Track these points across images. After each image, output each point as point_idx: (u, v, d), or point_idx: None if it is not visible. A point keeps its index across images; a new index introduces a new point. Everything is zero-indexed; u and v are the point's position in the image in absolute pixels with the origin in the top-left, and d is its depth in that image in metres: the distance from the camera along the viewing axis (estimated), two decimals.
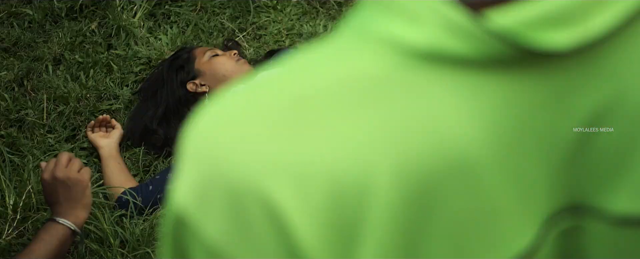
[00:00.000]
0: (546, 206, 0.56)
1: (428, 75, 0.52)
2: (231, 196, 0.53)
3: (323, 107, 0.53)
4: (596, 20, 0.52)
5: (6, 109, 2.80)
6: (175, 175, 0.56)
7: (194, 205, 0.55)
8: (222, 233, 0.54)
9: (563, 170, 0.56)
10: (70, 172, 2.04)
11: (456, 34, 0.51)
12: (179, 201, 0.55)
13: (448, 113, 0.52)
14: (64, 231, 2.01)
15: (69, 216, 2.03)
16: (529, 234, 0.56)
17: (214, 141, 0.54)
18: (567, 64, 0.53)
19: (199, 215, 0.54)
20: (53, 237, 2.00)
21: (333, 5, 3.23)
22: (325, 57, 0.55)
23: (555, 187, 0.56)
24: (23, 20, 3.14)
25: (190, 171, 0.55)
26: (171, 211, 0.56)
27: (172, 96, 2.74)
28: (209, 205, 0.54)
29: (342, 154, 0.52)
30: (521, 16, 0.51)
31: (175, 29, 3.11)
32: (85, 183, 2.06)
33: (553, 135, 0.54)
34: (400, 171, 0.52)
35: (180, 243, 0.57)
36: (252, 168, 0.53)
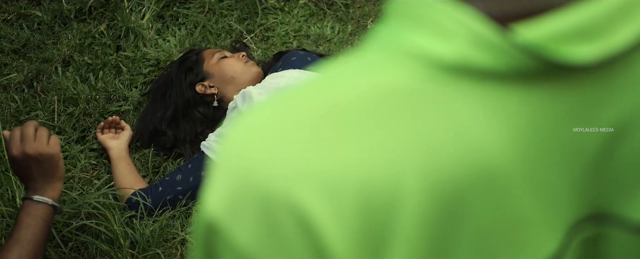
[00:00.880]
0: (570, 214, 0.58)
1: (456, 87, 0.53)
2: (262, 204, 0.55)
3: (353, 117, 0.54)
4: (620, 33, 0.53)
5: (16, 110, 2.82)
6: (208, 182, 0.58)
7: (226, 212, 0.56)
8: (253, 240, 0.56)
9: (586, 179, 0.57)
10: (41, 147, 1.94)
11: (484, 47, 0.52)
12: (211, 208, 0.57)
13: (475, 124, 0.54)
14: (46, 209, 1.94)
15: (45, 191, 1.96)
16: (554, 242, 0.57)
17: (246, 151, 0.56)
18: (591, 76, 0.55)
19: (231, 222, 0.56)
20: (37, 219, 1.93)
21: (340, 7, 3.25)
22: (355, 69, 0.56)
23: (579, 196, 0.57)
24: (32, 22, 3.16)
25: (223, 179, 0.56)
26: (203, 219, 0.58)
27: (181, 97, 2.76)
28: (240, 212, 0.55)
29: (372, 163, 0.53)
30: (547, 30, 0.52)
31: (183, 31, 3.13)
32: (58, 156, 1.97)
33: (577, 146, 0.56)
34: (429, 181, 0.53)
35: (212, 250, 0.58)
36: (283, 177, 0.54)
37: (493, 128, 0.54)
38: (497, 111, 0.54)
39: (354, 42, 3.10)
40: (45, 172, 1.95)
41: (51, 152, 1.94)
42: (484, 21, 0.53)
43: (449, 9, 0.53)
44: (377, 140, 0.53)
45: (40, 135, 1.95)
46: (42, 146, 1.94)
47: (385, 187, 0.53)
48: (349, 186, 0.53)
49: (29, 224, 1.91)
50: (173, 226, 2.49)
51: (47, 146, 1.94)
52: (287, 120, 0.55)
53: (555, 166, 0.56)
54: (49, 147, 1.95)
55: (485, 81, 0.53)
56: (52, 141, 1.96)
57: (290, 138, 0.55)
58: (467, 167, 0.54)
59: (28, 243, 1.89)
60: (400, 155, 0.53)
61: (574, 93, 0.55)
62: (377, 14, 3.21)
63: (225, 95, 2.76)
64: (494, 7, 0.53)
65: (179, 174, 2.56)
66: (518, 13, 0.53)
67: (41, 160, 1.93)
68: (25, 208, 1.95)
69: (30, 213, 1.93)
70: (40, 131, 1.96)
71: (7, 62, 3.00)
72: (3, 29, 3.12)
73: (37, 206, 1.94)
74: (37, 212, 1.93)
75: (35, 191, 1.95)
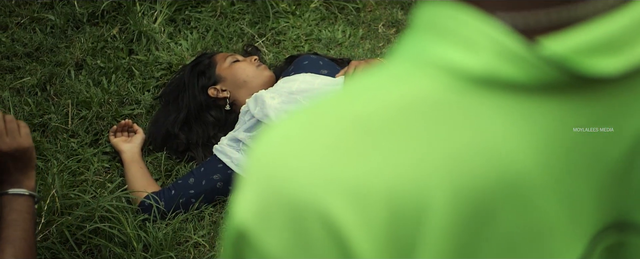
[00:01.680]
0: (594, 223, 0.59)
1: (483, 99, 0.55)
2: (292, 212, 0.56)
3: (381, 128, 0.55)
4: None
5: (30, 114, 2.84)
6: (237, 191, 0.59)
7: (256, 220, 0.57)
8: (282, 248, 0.57)
9: (610, 188, 0.58)
10: (15, 142, 1.85)
11: (510, 59, 0.53)
12: (241, 215, 0.58)
13: (502, 135, 0.55)
14: (28, 201, 1.87)
15: (22, 183, 1.88)
16: (578, 250, 0.58)
17: (276, 160, 0.57)
18: (615, 88, 0.56)
19: (260, 230, 0.57)
20: (23, 214, 1.86)
21: (351, 10, 3.26)
22: (383, 81, 0.57)
23: (602, 205, 0.59)
24: (45, 26, 3.18)
25: (253, 187, 0.58)
26: (232, 226, 0.59)
27: (194, 101, 2.78)
28: (270, 220, 0.57)
29: (400, 173, 0.54)
30: (573, 43, 0.54)
31: (195, 35, 3.15)
32: (32, 148, 1.89)
33: (601, 156, 0.57)
34: (456, 190, 0.54)
35: (241, 256, 0.60)
36: (313, 186, 0.55)
37: (519, 138, 0.55)
38: (522, 122, 0.55)
39: (365, 45, 3.11)
40: (21, 165, 1.88)
41: (25, 146, 1.86)
42: (511, 34, 0.54)
43: (475, 21, 0.54)
44: (405, 150, 0.55)
45: (12, 129, 1.86)
46: (16, 141, 1.86)
47: (412, 196, 0.54)
48: (377, 195, 0.54)
49: (15, 221, 1.85)
50: (186, 229, 2.50)
51: (22, 140, 1.86)
52: (316, 130, 0.56)
53: (579, 176, 0.57)
54: (24, 140, 1.86)
55: (511, 93, 0.55)
56: (23, 132, 1.87)
57: (320, 148, 0.56)
58: (493, 177, 0.55)
59: (20, 241, 1.84)
60: (428, 164, 0.54)
61: (598, 104, 0.56)
62: (388, 18, 3.22)
63: (237, 98, 2.77)
64: (520, 20, 0.55)
65: (192, 177, 2.58)
66: (544, 26, 0.55)
67: (17, 155, 1.86)
68: (6, 204, 1.87)
69: (13, 209, 1.86)
70: (11, 125, 1.86)
71: (20, 66, 3.02)
72: (16, 33, 3.14)
73: (18, 199, 1.86)
74: (20, 207, 1.86)
75: (12, 185, 1.88)
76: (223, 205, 2.59)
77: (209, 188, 2.57)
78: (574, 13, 0.54)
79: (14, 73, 3.00)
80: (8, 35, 3.14)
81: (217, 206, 2.59)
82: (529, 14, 0.54)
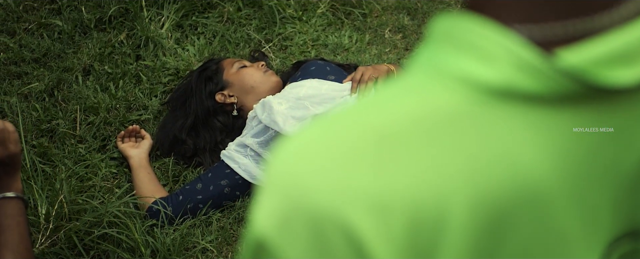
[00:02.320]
0: (609, 232, 0.59)
1: (501, 110, 0.55)
2: (313, 223, 0.56)
3: (401, 139, 0.56)
4: None
5: (37, 119, 2.85)
6: (257, 201, 0.60)
7: (276, 230, 0.58)
8: (302, 257, 0.57)
9: (624, 198, 0.59)
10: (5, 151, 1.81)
11: (528, 71, 0.54)
12: (261, 226, 0.58)
13: (520, 146, 0.55)
14: (18, 203, 1.85)
15: (11, 186, 1.86)
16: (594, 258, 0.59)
17: (296, 171, 0.57)
18: (631, 99, 0.56)
19: (281, 240, 0.58)
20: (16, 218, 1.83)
21: (358, 16, 3.27)
22: (402, 92, 0.58)
23: (617, 214, 0.59)
24: (53, 31, 3.19)
25: (273, 198, 0.58)
26: (252, 236, 0.60)
27: (201, 106, 2.78)
28: (290, 231, 0.57)
29: (419, 184, 0.55)
30: (589, 55, 0.54)
31: (202, 40, 3.16)
32: (19, 153, 1.85)
33: (617, 166, 0.57)
34: (475, 201, 0.55)
35: None
36: (333, 197, 0.56)
37: (536, 149, 0.56)
38: (540, 133, 0.56)
39: (371, 51, 3.12)
40: (10, 170, 1.86)
41: (15, 152, 1.83)
42: (528, 46, 0.54)
43: (493, 34, 0.55)
44: (424, 161, 0.55)
45: (4, 139, 1.82)
46: (8, 149, 1.82)
47: (432, 206, 0.55)
48: (397, 205, 0.55)
49: (10, 226, 1.83)
50: (193, 234, 2.51)
51: (12, 147, 1.82)
52: (335, 140, 0.57)
53: (596, 185, 0.58)
54: (14, 147, 1.83)
55: (528, 104, 0.55)
56: (13, 138, 1.84)
57: (339, 159, 0.56)
58: (511, 187, 0.55)
59: (18, 245, 1.84)
60: (447, 175, 0.55)
61: (615, 115, 0.57)
62: (395, 24, 3.23)
63: (244, 104, 2.78)
64: (537, 32, 0.55)
65: (199, 183, 2.59)
66: (560, 38, 0.55)
67: (6, 162, 1.83)
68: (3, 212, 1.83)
69: (7, 214, 1.84)
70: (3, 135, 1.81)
71: (28, 71, 3.03)
72: (24, 38, 3.15)
73: (10, 204, 1.85)
74: (12, 211, 1.84)
75: (1, 189, 1.85)
76: (231, 210, 2.60)
77: (217, 194, 2.57)
78: (590, 25, 0.55)
79: (22, 79, 3.01)
80: (16, 40, 3.15)
81: (225, 211, 2.60)
82: (546, 26, 0.55)
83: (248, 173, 2.58)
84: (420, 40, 3.17)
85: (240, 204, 2.59)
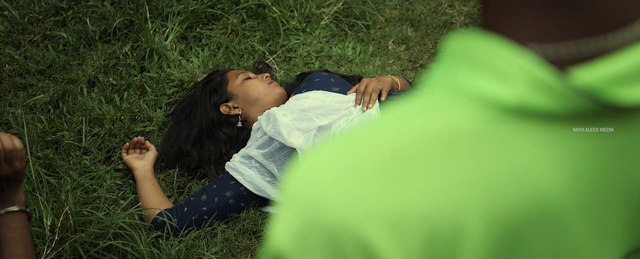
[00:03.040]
0: (621, 247, 0.60)
1: (516, 128, 0.56)
2: (330, 238, 0.57)
3: (418, 156, 0.57)
4: None
5: (43, 131, 2.86)
6: (274, 217, 0.61)
7: (294, 245, 0.59)
8: None
9: (637, 213, 0.60)
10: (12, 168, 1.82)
11: (542, 90, 0.55)
12: (279, 241, 0.59)
13: (534, 163, 0.56)
14: (22, 216, 1.86)
15: (15, 200, 1.87)
16: None
17: (314, 186, 0.58)
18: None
19: (298, 254, 0.59)
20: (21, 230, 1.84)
21: (361, 27, 3.28)
22: (418, 110, 0.59)
23: (629, 230, 0.60)
24: (58, 43, 3.20)
25: (290, 213, 0.59)
26: (270, 251, 0.60)
27: (206, 118, 2.79)
28: (308, 246, 0.58)
29: (436, 200, 0.56)
30: (602, 73, 0.55)
31: (206, 52, 3.17)
32: (24, 170, 1.85)
33: (630, 182, 0.58)
34: (491, 216, 0.56)
35: None
36: (350, 211, 0.57)
37: (550, 166, 0.57)
38: (554, 150, 0.56)
39: (375, 62, 3.13)
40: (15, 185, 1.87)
41: (22, 168, 1.84)
42: (542, 65, 0.55)
43: (508, 54, 0.56)
44: (441, 178, 0.56)
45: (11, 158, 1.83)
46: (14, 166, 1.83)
47: (448, 222, 0.56)
48: (414, 221, 0.56)
49: (14, 238, 1.85)
50: (198, 246, 2.51)
51: (19, 163, 1.83)
52: (353, 158, 0.58)
53: (609, 201, 0.58)
54: (20, 164, 1.83)
55: (543, 122, 0.56)
56: (20, 156, 1.84)
57: (356, 175, 0.57)
58: (526, 203, 0.56)
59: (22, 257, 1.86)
60: (463, 192, 0.56)
61: (627, 132, 0.57)
62: (398, 35, 3.24)
63: (249, 116, 2.79)
64: (551, 51, 0.56)
65: (204, 194, 2.59)
66: (574, 57, 0.56)
67: (12, 177, 1.85)
68: (2, 223, 1.85)
69: (11, 227, 1.85)
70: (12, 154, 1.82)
71: (33, 83, 3.05)
72: (29, 50, 3.16)
73: (13, 217, 1.86)
74: (17, 224, 1.86)
75: (4, 203, 1.87)
76: (235, 221, 2.60)
77: (222, 205, 2.58)
78: (603, 44, 0.56)
79: (27, 91, 3.02)
80: (21, 52, 3.16)
81: (230, 223, 2.61)
82: (560, 45, 0.56)
83: (253, 185, 2.59)
84: (423, 51, 3.18)
85: (245, 215, 2.60)
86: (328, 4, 3.34)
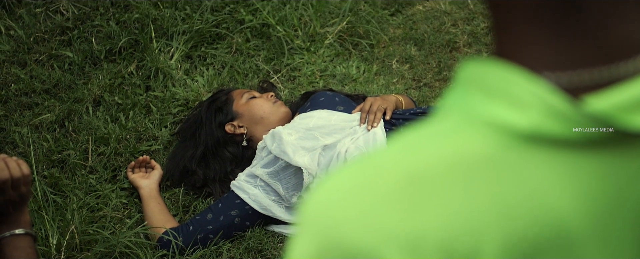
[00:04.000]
0: None
1: (530, 154, 0.57)
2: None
3: (434, 181, 0.58)
4: None
5: (48, 150, 2.87)
6: (292, 239, 0.62)
7: None
8: None
9: None
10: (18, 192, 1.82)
11: (556, 117, 0.56)
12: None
13: (549, 188, 0.57)
14: (29, 239, 1.86)
15: (20, 222, 1.87)
16: None
17: (332, 210, 0.59)
18: None
19: None
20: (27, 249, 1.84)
21: (365, 47, 3.30)
22: (433, 136, 0.60)
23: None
24: (63, 63, 3.22)
25: (308, 237, 0.60)
26: None
27: (211, 137, 2.80)
28: None
29: (452, 225, 0.57)
30: (614, 100, 0.56)
31: (211, 71, 3.19)
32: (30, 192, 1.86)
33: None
34: (507, 240, 0.57)
35: None
36: (367, 236, 0.58)
37: (565, 191, 0.58)
38: (568, 176, 0.58)
39: (379, 81, 3.15)
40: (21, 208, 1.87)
41: (29, 192, 1.85)
42: (556, 92, 0.57)
43: (523, 81, 0.57)
44: (457, 204, 0.57)
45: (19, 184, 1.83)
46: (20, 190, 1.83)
47: (465, 246, 0.57)
48: (431, 245, 0.57)
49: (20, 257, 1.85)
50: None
51: (25, 189, 1.83)
52: (370, 183, 0.59)
53: (622, 225, 0.60)
54: (26, 189, 1.84)
55: (557, 148, 0.57)
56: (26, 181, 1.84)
57: (374, 199, 0.58)
58: (541, 228, 0.57)
59: None
60: (480, 216, 0.57)
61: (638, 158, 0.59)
62: (402, 54, 3.26)
63: (254, 134, 2.80)
64: (565, 79, 0.57)
65: (210, 213, 2.60)
66: (587, 85, 0.57)
67: (18, 201, 1.85)
68: (8, 244, 1.86)
69: (17, 247, 1.86)
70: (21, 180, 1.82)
71: (38, 102, 3.06)
72: (35, 70, 3.18)
73: (18, 239, 1.86)
74: (22, 244, 1.87)
75: (9, 226, 1.87)
76: (241, 240, 2.61)
77: (227, 224, 2.59)
78: (615, 72, 0.57)
79: (33, 110, 3.04)
80: (26, 71, 3.18)
81: (235, 241, 2.61)
82: (574, 73, 0.57)
83: (258, 204, 2.60)
84: (426, 70, 3.20)
85: (250, 234, 2.61)
86: (332, 23, 3.36)
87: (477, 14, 3.43)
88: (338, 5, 3.42)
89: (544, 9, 0.58)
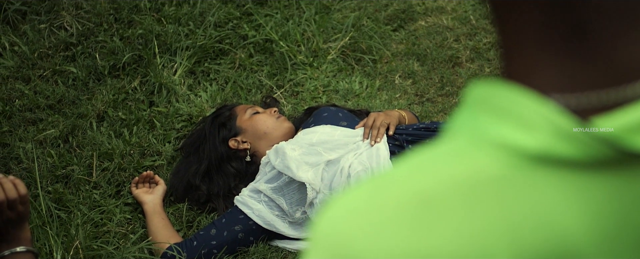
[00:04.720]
0: None
1: (539, 174, 0.58)
2: None
3: (444, 201, 0.59)
4: None
5: (52, 165, 2.88)
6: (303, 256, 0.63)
7: None
8: None
9: None
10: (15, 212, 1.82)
11: (565, 139, 0.57)
12: None
13: (557, 209, 0.58)
14: (31, 257, 1.86)
15: (21, 239, 1.88)
16: None
17: (343, 230, 0.60)
18: None
19: None
20: None
21: (368, 62, 3.31)
22: (442, 156, 0.61)
23: None
24: (67, 78, 3.23)
25: (319, 253, 0.61)
26: None
27: (215, 152, 2.81)
28: None
29: (462, 245, 0.58)
30: (622, 122, 0.57)
31: (214, 86, 3.20)
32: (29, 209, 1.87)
33: None
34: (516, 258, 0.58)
35: None
36: (378, 254, 0.59)
37: (572, 211, 0.59)
38: (576, 196, 0.58)
39: (382, 96, 3.16)
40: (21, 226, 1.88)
41: (27, 212, 1.85)
42: (565, 114, 0.58)
43: (532, 103, 0.58)
44: (467, 224, 0.58)
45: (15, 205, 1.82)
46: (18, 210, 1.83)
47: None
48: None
49: None
50: None
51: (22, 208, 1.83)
52: (381, 203, 0.60)
53: (629, 244, 0.60)
54: (23, 208, 1.84)
55: (565, 169, 0.58)
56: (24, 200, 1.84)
57: (384, 219, 0.59)
58: (550, 248, 0.58)
59: None
60: (488, 237, 0.58)
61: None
62: (405, 69, 3.27)
63: (258, 150, 2.81)
64: (573, 101, 0.58)
65: (213, 228, 2.61)
66: (595, 107, 0.58)
67: (16, 221, 1.86)
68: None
69: None
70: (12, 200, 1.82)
71: (43, 118, 3.07)
72: (39, 85, 3.20)
73: (19, 255, 1.87)
74: None
75: (9, 244, 1.88)
76: (245, 256, 2.62)
77: (231, 239, 2.59)
78: (623, 94, 0.58)
79: (37, 126, 3.05)
80: (31, 87, 3.20)
81: (239, 257, 2.62)
82: (582, 95, 0.58)
83: (262, 219, 2.61)
84: (429, 85, 3.21)
85: (254, 249, 2.61)
86: (335, 38, 3.37)
87: (479, 30, 3.44)
88: (341, 21, 3.44)
89: (552, 29, 0.59)
